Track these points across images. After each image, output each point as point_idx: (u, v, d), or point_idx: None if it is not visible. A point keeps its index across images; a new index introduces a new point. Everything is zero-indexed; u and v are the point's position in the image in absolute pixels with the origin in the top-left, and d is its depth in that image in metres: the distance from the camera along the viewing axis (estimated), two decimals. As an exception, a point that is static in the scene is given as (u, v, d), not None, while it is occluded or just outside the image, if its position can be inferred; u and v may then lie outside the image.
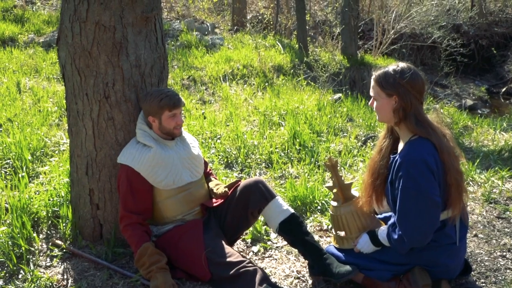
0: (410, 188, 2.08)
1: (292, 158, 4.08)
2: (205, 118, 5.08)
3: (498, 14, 13.39)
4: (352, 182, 2.56)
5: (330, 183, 2.51)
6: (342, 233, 2.44)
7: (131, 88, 2.55)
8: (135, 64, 2.54)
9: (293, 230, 2.51)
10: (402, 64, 2.23)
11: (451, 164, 2.12)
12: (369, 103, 2.31)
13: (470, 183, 3.56)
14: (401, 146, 2.24)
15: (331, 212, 2.49)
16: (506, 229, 2.89)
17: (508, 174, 3.64)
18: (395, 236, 2.17)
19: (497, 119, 5.59)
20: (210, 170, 2.89)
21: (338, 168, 2.44)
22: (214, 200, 2.63)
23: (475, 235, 2.85)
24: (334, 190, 2.49)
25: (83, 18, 2.43)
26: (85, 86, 2.52)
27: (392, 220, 2.24)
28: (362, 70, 8.49)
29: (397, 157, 2.17)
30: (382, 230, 2.28)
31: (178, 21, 10.46)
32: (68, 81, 2.59)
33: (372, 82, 2.25)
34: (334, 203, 2.48)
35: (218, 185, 2.65)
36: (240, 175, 3.78)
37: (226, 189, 2.58)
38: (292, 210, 2.57)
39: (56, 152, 3.85)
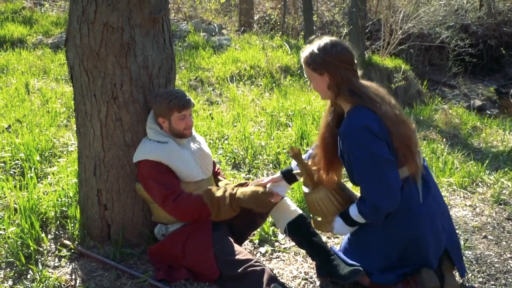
0: (362, 156, 2.09)
1: (299, 159, 4.07)
2: (212, 118, 5.09)
3: (507, 14, 13.31)
4: (319, 167, 2.46)
5: (298, 170, 2.48)
6: (319, 218, 2.42)
7: (139, 89, 2.55)
8: (143, 65, 2.55)
9: (301, 231, 2.51)
10: (325, 40, 2.20)
11: (395, 129, 2.11)
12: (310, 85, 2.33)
13: (479, 184, 3.54)
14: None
15: (305, 199, 2.46)
16: (515, 231, 2.87)
17: (517, 175, 3.62)
18: (366, 208, 2.16)
19: (506, 120, 5.55)
20: (218, 169, 2.90)
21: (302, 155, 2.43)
22: None
23: (485, 237, 2.83)
24: (302, 178, 2.46)
25: (91, 19, 2.43)
26: (93, 87, 2.53)
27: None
28: (370, 71, 8.46)
29: (340, 133, 2.19)
30: (353, 208, 2.25)
31: (185, 22, 10.48)
32: (76, 82, 2.60)
33: (303, 65, 2.26)
34: (306, 189, 2.46)
35: (227, 185, 2.66)
36: (248, 175, 3.78)
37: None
38: (300, 211, 2.57)
39: (64, 152, 3.87)
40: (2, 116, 4.53)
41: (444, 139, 4.99)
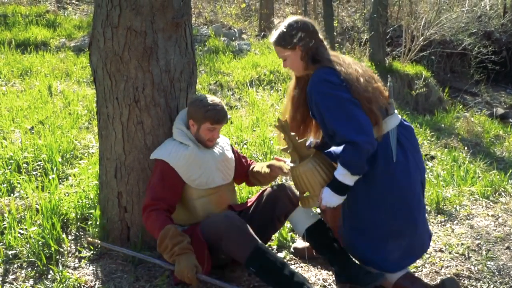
0: (329, 103, 2.22)
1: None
2: (231, 123, 5.10)
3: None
4: (306, 138, 2.54)
5: (284, 146, 2.49)
6: (306, 193, 2.39)
7: (160, 92, 2.57)
8: (165, 69, 2.56)
9: (320, 236, 2.50)
10: (288, 20, 2.45)
11: (353, 82, 2.24)
12: (283, 67, 2.49)
13: (502, 194, 3.47)
14: None
15: (291, 173, 2.44)
16: (539, 242, 2.81)
17: (541, 185, 3.55)
18: (347, 152, 2.20)
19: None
20: (251, 161, 2.94)
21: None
22: (246, 202, 2.70)
23: (508, 248, 2.77)
24: (289, 151, 2.46)
25: (115, 23, 2.46)
26: (115, 90, 2.56)
27: (334, 149, 2.37)
28: (388, 77, 8.40)
29: (307, 90, 2.36)
30: (336, 171, 2.28)
31: (206, 27, 10.54)
32: (99, 85, 2.63)
33: (274, 47, 2.45)
34: (291, 164, 2.46)
35: (262, 167, 2.77)
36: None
37: (268, 169, 2.69)
38: (319, 216, 2.55)
39: (86, 154, 3.91)
40: (25, 118, 4.61)
41: (466, 148, 4.92)
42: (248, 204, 2.66)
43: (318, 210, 2.74)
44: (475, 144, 5.02)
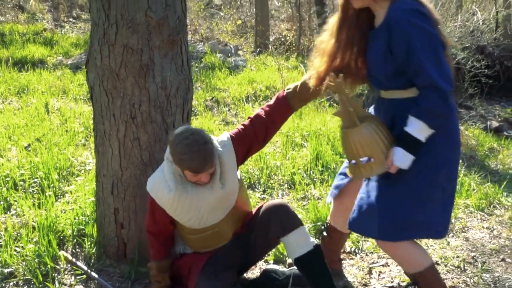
0: (422, 38, 1.98)
1: (314, 179, 4.07)
2: (228, 138, 5.12)
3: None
4: (355, 108, 2.17)
5: (339, 110, 2.19)
6: (368, 160, 2.10)
7: (157, 109, 2.60)
8: (161, 86, 2.59)
9: (308, 269, 2.37)
10: None
11: (438, 27, 2.07)
12: None
13: (497, 206, 3.50)
14: (379, 22, 2.15)
15: (348, 139, 2.13)
16: (534, 254, 2.83)
17: (536, 197, 3.58)
18: (431, 102, 1.97)
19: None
20: (259, 115, 2.50)
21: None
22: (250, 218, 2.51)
23: (503, 260, 2.79)
24: (343, 115, 2.17)
25: (112, 41, 2.50)
26: (112, 107, 2.58)
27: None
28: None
29: (386, 24, 2.05)
30: (409, 126, 2.03)
31: (202, 43, 10.62)
32: (96, 102, 2.66)
33: None
34: (348, 129, 2.14)
35: (296, 88, 2.42)
36: (263, 196, 3.78)
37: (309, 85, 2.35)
38: (311, 246, 2.38)
39: (82, 171, 3.92)
40: (22, 135, 4.63)
41: (461, 161, 4.95)
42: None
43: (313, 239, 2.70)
44: (469, 157, 5.06)
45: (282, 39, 12.18)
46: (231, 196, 2.36)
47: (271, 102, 2.51)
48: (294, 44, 11.61)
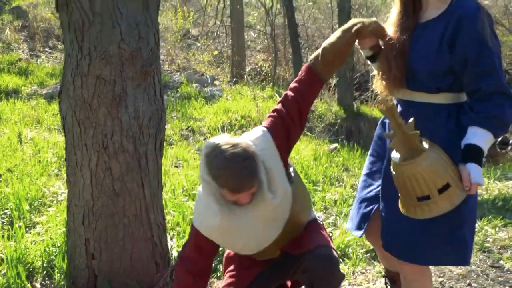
0: (492, 42, 1.83)
1: (288, 207, 4.11)
2: (202, 168, 5.15)
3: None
4: (417, 132, 1.83)
5: (395, 140, 1.87)
6: (445, 188, 1.77)
7: (129, 138, 2.62)
8: (134, 116, 2.63)
9: None
10: None
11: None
12: None
13: (465, 232, 3.58)
14: (432, 14, 1.98)
15: (415, 171, 1.78)
16: (499, 278, 2.90)
17: (501, 223, 3.68)
18: (502, 110, 1.79)
19: (491, 169, 5.66)
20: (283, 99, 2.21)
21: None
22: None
23: (469, 285, 2.85)
24: (395, 142, 1.85)
25: (84, 72, 2.53)
26: (84, 137, 2.60)
27: (466, 115, 1.85)
28: (359, 121, 8.64)
29: (447, 17, 1.90)
30: (474, 137, 1.81)
31: (178, 74, 10.72)
32: (68, 132, 2.67)
33: None
34: (415, 159, 1.78)
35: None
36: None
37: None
38: None
39: (54, 202, 3.89)
40: (-7, 166, 4.57)
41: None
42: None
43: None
44: (440, 184, 5.18)
45: (258, 69, 12.39)
46: (285, 204, 2.03)
47: (298, 76, 2.20)
48: (269, 74, 11.81)
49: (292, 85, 2.18)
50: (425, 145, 1.84)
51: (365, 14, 11.39)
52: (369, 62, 2.24)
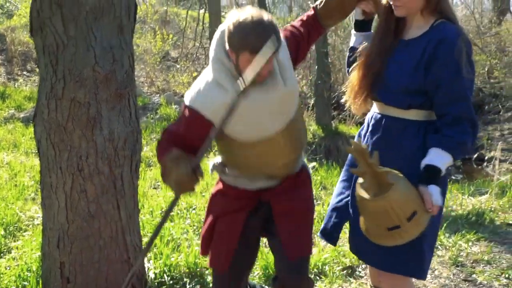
0: (467, 69, 1.88)
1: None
2: (181, 189, 5.15)
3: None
4: (387, 170, 1.90)
5: (364, 181, 1.94)
6: (412, 215, 1.84)
7: (104, 161, 2.63)
8: (109, 138, 2.64)
9: None
10: None
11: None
12: None
13: (439, 247, 3.64)
14: (414, 33, 2.04)
15: (386, 205, 1.84)
16: (473, 292, 2.96)
17: (474, 238, 3.75)
18: (465, 135, 1.86)
19: (465, 184, 5.77)
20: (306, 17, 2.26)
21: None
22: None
23: (443, 299, 2.90)
24: (363, 180, 1.93)
25: (59, 95, 2.55)
26: (59, 160, 2.60)
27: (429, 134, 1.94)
28: (337, 140, 8.74)
29: (427, 38, 1.95)
30: (435, 159, 1.88)
31: (158, 95, 10.74)
32: (43, 155, 2.68)
33: None
34: (384, 195, 1.84)
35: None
36: (215, 245, 3.80)
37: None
38: None
39: (30, 226, 3.85)
40: (-32, 191, 4.51)
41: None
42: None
43: None
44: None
45: (238, 90, 12.46)
46: (293, 97, 2.04)
47: (303, 16, 2.30)
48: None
49: (298, 19, 2.27)
50: (391, 177, 1.88)
51: (342, 35, 11.63)
52: (353, 32, 2.31)
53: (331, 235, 2.25)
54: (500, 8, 14.62)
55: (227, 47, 1.89)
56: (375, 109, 2.16)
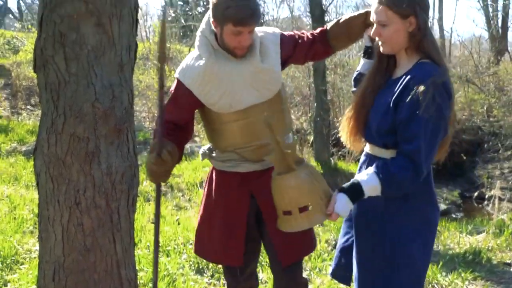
0: (432, 114, 1.90)
1: (263, 262, 4.13)
2: (179, 224, 5.16)
3: (465, 123, 14.13)
4: (290, 151, 2.05)
5: (271, 154, 2.05)
6: (305, 208, 1.95)
7: (101, 194, 2.67)
8: (106, 172, 2.69)
9: None
10: None
11: (452, 106, 1.99)
12: (372, 33, 2.08)
13: (435, 286, 3.63)
14: (399, 72, 2.10)
15: (282, 186, 1.96)
16: (468, 331, 2.93)
17: (471, 277, 3.75)
18: (404, 176, 1.91)
19: (463, 223, 5.78)
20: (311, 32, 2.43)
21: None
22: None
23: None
24: (274, 159, 2.02)
25: (59, 130, 2.62)
26: (57, 193, 2.65)
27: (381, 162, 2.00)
28: (336, 176, 8.77)
29: (405, 77, 1.99)
30: (364, 177, 1.98)
31: (159, 130, 10.83)
32: (42, 188, 2.72)
33: (379, 7, 1.99)
34: (283, 175, 1.98)
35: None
36: (210, 280, 3.80)
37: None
38: None
39: (27, 259, 3.86)
40: (-34, 223, 4.54)
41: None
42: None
43: None
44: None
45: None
46: (271, 77, 2.16)
47: (314, 31, 2.44)
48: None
49: (308, 33, 2.41)
50: (298, 164, 1.98)
51: (341, 73, 11.83)
52: (361, 60, 2.36)
53: (343, 276, 2.33)
54: (498, 49, 14.89)
55: (211, 19, 2.08)
56: (366, 148, 2.24)
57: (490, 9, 16.13)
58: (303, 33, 2.38)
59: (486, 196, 10.75)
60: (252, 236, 2.39)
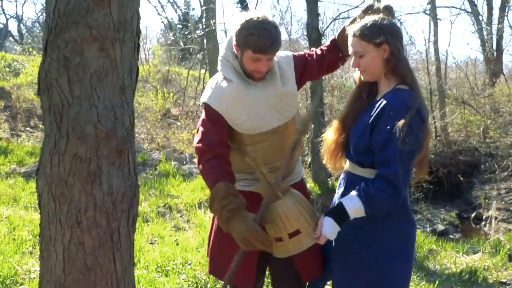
0: (409, 140, 1.98)
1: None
2: (177, 244, 5.19)
3: (461, 144, 14.23)
4: (278, 174, 2.16)
5: (258, 185, 2.25)
6: (295, 233, 2.05)
7: (102, 214, 2.73)
8: (108, 192, 2.75)
9: None
10: (376, 15, 2.18)
11: (427, 130, 2.09)
12: (352, 64, 2.19)
13: (432, 304, 3.66)
14: (380, 94, 2.20)
15: (271, 215, 2.06)
16: None
17: (467, 295, 3.78)
18: (384, 195, 1.99)
19: (459, 243, 5.81)
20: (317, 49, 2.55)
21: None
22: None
23: None
24: (272, 181, 2.12)
25: (62, 151, 2.68)
26: (59, 213, 2.70)
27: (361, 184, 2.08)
28: (333, 197, 8.80)
29: (382, 101, 2.09)
30: (348, 200, 2.07)
31: (158, 152, 10.90)
32: (44, 208, 2.77)
33: (354, 39, 2.14)
34: (271, 205, 2.08)
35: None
36: (209, 300, 3.82)
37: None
38: None
39: (27, 280, 3.88)
40: (-34, 244, 4.56)
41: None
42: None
43: None
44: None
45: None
46: (292, 99, 2.28)
47: (323, 45, 2.56)
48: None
49: (318, 49, 2.53)
50: (283, 193, 2.08)
51: (338, 95, 11.97)
52: None
53: None
54: (493, 71, 15.08)
55: (234, 43, 2.18)
56: (346, 166, 2.33)
57: (485, 32, 16.39)
58: (312, 50, 2.51)
59: (484, 217, 10.78)
60: (264, 256, 2.43)
